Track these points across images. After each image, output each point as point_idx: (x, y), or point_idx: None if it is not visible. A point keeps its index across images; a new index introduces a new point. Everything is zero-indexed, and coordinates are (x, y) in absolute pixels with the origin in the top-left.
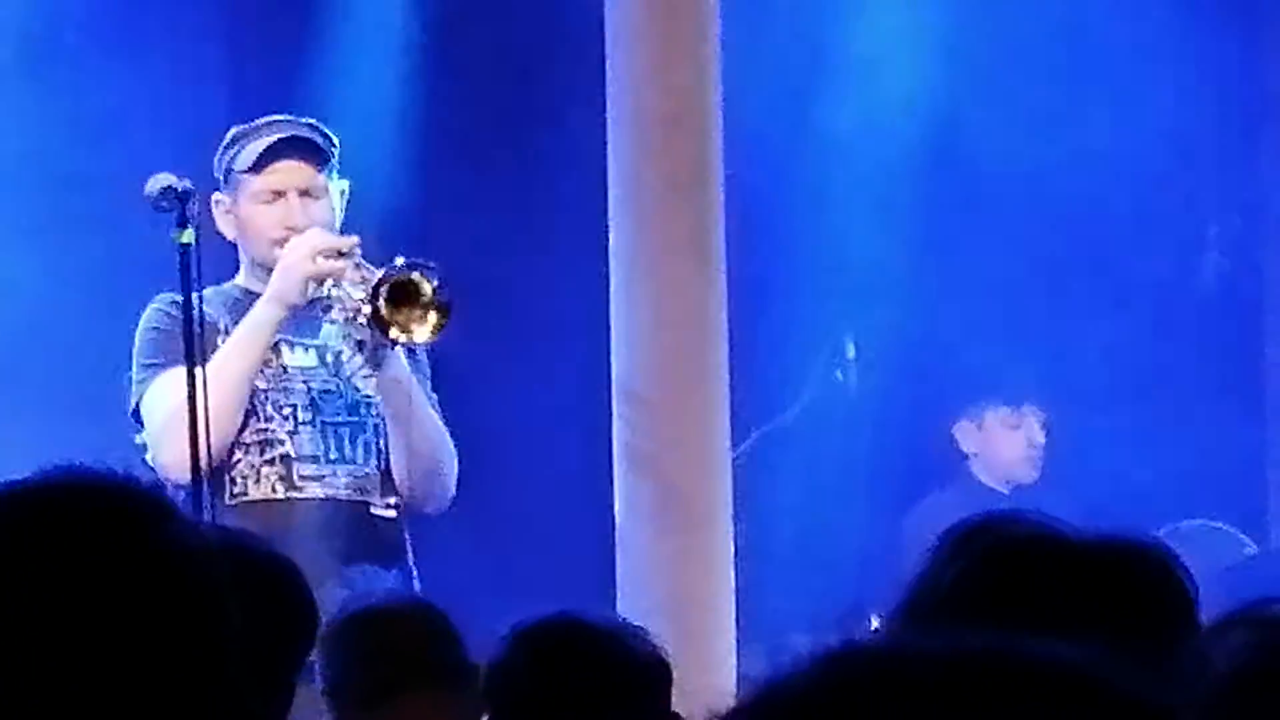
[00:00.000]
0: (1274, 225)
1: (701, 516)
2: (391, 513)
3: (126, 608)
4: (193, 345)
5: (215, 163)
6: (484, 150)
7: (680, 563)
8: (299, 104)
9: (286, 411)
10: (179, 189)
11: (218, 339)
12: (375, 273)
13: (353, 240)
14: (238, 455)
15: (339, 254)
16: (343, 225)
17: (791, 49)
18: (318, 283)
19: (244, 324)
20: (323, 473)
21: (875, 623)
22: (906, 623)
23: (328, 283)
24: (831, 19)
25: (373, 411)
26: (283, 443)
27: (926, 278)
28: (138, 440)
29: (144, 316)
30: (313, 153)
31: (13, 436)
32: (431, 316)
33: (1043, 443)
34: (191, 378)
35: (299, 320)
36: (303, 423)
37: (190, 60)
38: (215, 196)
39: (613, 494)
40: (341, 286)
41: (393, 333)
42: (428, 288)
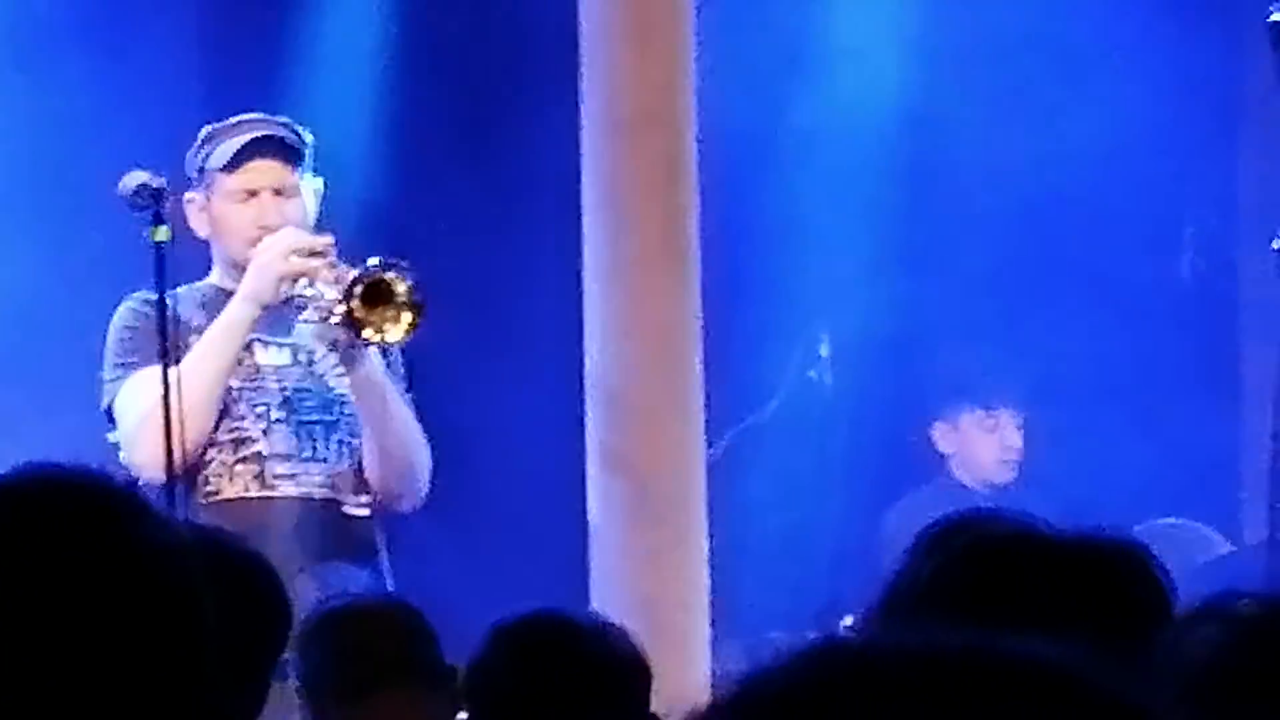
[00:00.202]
0: (1249, 225)
1: (676, 514)
2: (365, 511)
3: (102, 605)
4: (167, 343)
5: (188, 161)
6: (459, 149)
7: (655, 561)
8: (273, 102)
9: (260, 410)
10: (154, 187)
11: (191, 338)
12: (349, 272)
13: (327, 240)
14: (211, 454)
15: (313, 253)
16: (317, 224)
17: (765, 46)
18: (291, 282)
19: (217, 323)
20: (296, 471)
21: (849, 621)
22: (885, 619)
23: (301, 282)
24: (806, 16)
25: (346, 410)
26: (256, 441)
27: (902, 276)
28: (111, 439)
29: (116, 315)
30: (286, 152)
31: None
32: (405, 316)
33: (1019, 446)
34: (165, 376)
35: (272, 319)
36: (276, 421)
37: (164, 58)
38: (189, 195)
39: (587, 492)
40: (315, 286)
41: (366, 332)
42: (401, 288)
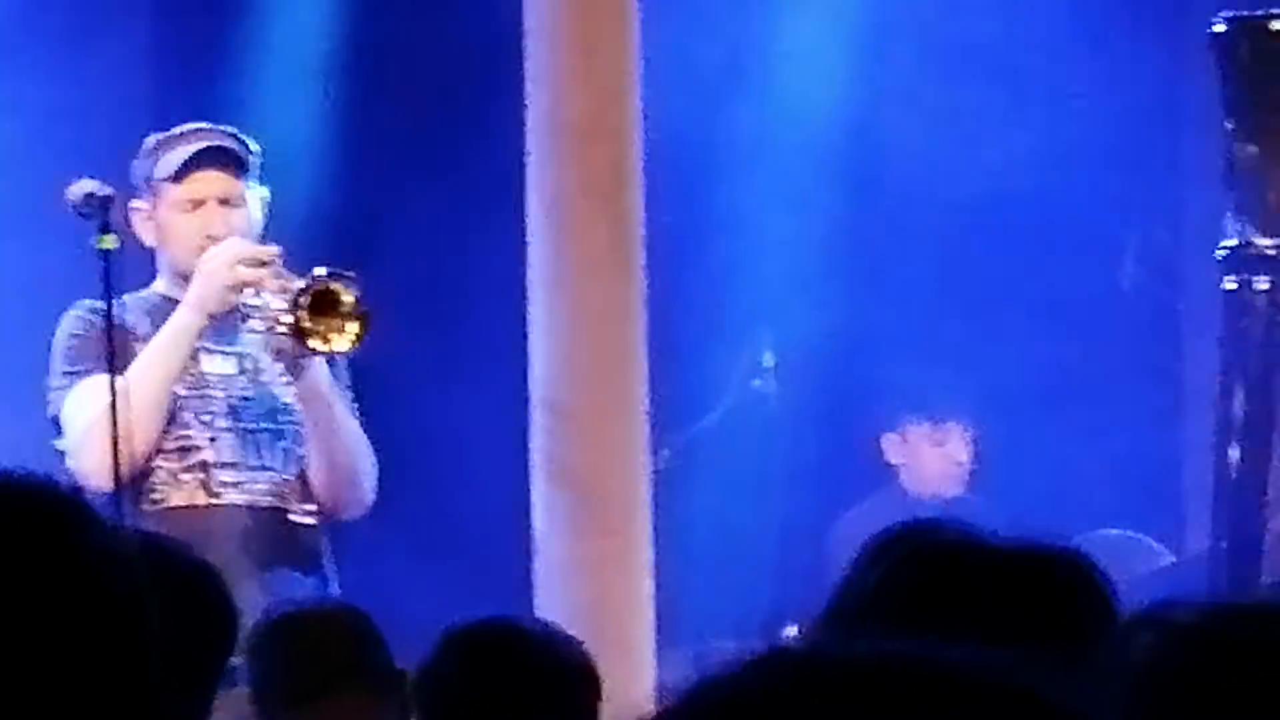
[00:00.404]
0: (1192, 235)
1: (620, 523)
2: (310, 519)
3: (47, 612)
4: (113, 351)
5: (135, 170)
6: (404, 158)
7: (599, 570)
8: (220, 111)
9: (205, 418)
10: (101, 195)
11: (137, 346)
12: (296, 282)
13: (274, 250)
14: (157, 462)
15: (260, 263)
16: (263, 233)
17: (711, 54)
18: (238, 291)
19: (164, 331)
20: (241, 479)
21: (793, 630)
22: (830, 627)
23: (248, 291)
24: (751, 23)
25: (292, 419)
26: (202, 449)
27: (846, 285)
28: (58, 446)
29: (63, 323)
30: (232, 162)
31: None
32: (351, 326)
33: (966, 460)
34: (112, 385)
35: (218, 328)
36: (222, 430)
37: (112, 67)
38: (135, 203)
39: (532, 501)
40: (262, 295)
41: (312, 342)
42: (348, 297)
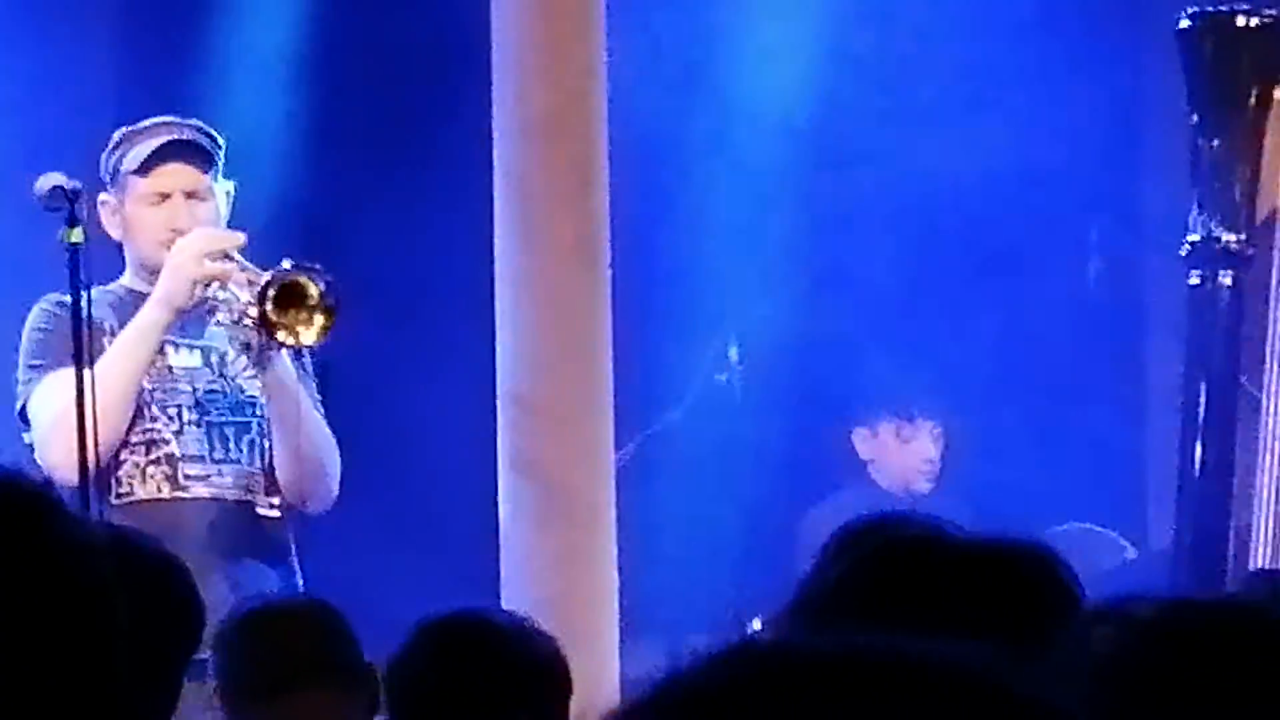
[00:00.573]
0: (1155, 232)
1: (585, 517)
2: (276, 512)
3: (14, 603)
4: (81, 345)
5: (102, 163)
6: (372, 152)
7: (564, 563)
8: (186, 104)
9: (172, 412)
10: (68, 189)
11: (104, 340)
12: (262, 275)
13: (240, 239)
14: (124, 455)
15: (226, 256)
16: (229, 226)
17: (676, 51)
18: (205, 285)
19: (131, 325)
20: (208, 472)
21: (756, 624)
22: (795, 620)
23: (214, 284)
24: (716, 20)
25: (258, 412)
26: (168, 442)
27: (811, 281)
28: (26, 440)
29: (30, 316)
30: (199, 155)
31: None
32: (318, 319)
33: (934, 457)
34: (79, 378)
35: (185, 321)
36: (188, 423)
37: (78, 60)
38: (102, 197)
39: (498, 494)
40: (228, 289)
41: (279, 335)
42: (314, 290)
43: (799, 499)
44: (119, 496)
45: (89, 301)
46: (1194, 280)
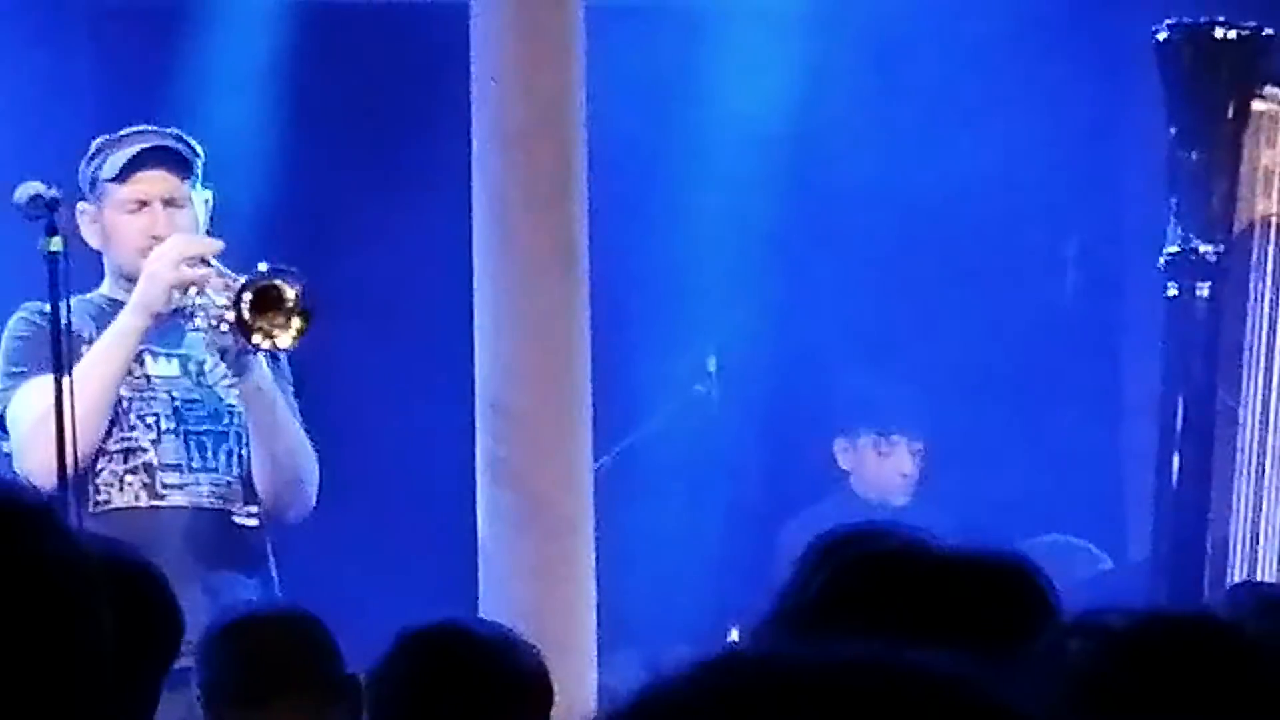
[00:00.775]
0: (1133, 243)
1: (563, 526)
2: (254, 521)
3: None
4: (60, 353)
5: (80, 172)
6: (350, 159)
7: (542, 573)
8: (166, 115)
9: (150, 420)
10: (48, 197)
11: (82, 348)
12: (238, 279)
13: (217, 244)
14: (101, 463)
15: (204, 261)
16: (208, 234)
17: (654, 61)
18: (182, 291)
19: (108, 333)
20: (186, 481)
21: (734, 634)
22: (775, 630)
23: (192, 290)
24: (695, 30)
25: (235, 420)
26: (146, 451)
27: (789, 292)
28: (4, 448)
29: (10, 324)
30: (177, 163)
31: None
32: (295, 322)
33: (911, 472)
34: (58, 386)
35: (163, 329)
36: (166, 432)
37: (57, 70)
38: (81, 206)
39: (476, 504)
40: (205, 294)
41: (256, 338)
42: (291, 293)
43: (778, 509)
44: (97, 505)
45: (69, 310)
46: (1171, 292)
